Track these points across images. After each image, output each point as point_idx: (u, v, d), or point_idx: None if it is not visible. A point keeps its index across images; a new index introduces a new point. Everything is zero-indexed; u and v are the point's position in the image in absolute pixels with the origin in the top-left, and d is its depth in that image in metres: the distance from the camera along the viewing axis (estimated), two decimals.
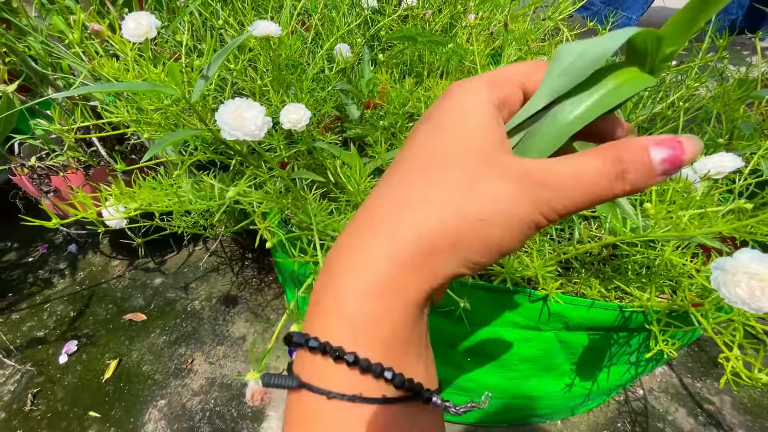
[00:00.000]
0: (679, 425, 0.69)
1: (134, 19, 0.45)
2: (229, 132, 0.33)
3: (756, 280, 0.28)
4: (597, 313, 0.49)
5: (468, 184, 0.17)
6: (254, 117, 0.34)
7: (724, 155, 0.46)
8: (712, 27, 0.73)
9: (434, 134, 0.19)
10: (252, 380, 0.35)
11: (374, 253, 0.17)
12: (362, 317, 0.17)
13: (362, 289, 0.17)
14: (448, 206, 0.17)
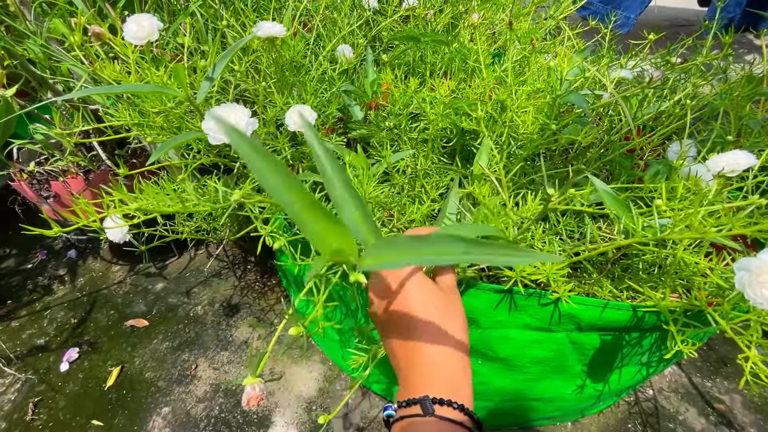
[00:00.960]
0: (690, 425, 0.68)
1: (136, 22, 0.45)
2: (214, 137, 0.33)
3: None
4: (610, 314, 0.49)
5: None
6: (238, 120, 0.34)
7: (737, 153, 0.46)
8: (716, 24, 0.72)
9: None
10: (248, 385, 0.34)
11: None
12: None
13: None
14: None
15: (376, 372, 0.69)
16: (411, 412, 0.30)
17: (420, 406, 0.30)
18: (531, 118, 0.56)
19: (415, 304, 0.33)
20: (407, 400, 0.31)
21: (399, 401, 0.32)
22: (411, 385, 0.32)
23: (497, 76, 0.65)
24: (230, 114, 0.36)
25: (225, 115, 0.36)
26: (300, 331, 0.36)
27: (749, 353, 0.36)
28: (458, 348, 0.32)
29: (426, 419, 0.29)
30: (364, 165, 0.58)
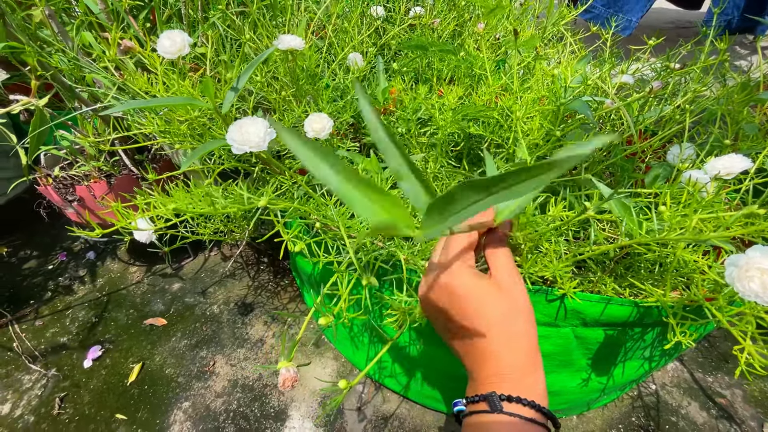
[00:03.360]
0: (692, 419, 0.71)
1: (169, 37, 0.48)
2: (237, 147, 0.36)
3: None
4: (613, 309, 0.51)
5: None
6: (257, 131, 0.37)
7: (733, 156, 0.48)
8: (714, 31, 0.75)
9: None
10: (283, 368, 0.37)
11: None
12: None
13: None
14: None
15: (389, 366, 0.72)
16: (479, 408, 0.30)
17: (487, 402, 0.30)
18: (537, 125, 0.59)
19: (474, 298, 0.32)
20: (474, 396, 0.31)
21: (467, 396, 0.32)
22: (478, 380, 0.32)
23: (503, 83, 0.68)
24: (251, 125, 0.39)
25: (246, 127, 0.39)
26: (330, 321, 0.38)
27: (744, 344, 0.39)
28: (526, 341, 0.31)
29: (495, 416, 0.29)
30: (377, 169, 0.61)
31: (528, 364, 0.31)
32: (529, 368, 0.31)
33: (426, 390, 0.69)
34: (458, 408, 0.33)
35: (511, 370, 0.31)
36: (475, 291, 0.32)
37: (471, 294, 0.32)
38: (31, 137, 0.60)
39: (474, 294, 0.32)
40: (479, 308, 0.32)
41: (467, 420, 0.31)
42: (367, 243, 0.50)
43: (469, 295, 0.32)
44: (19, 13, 0.67)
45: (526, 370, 0.31)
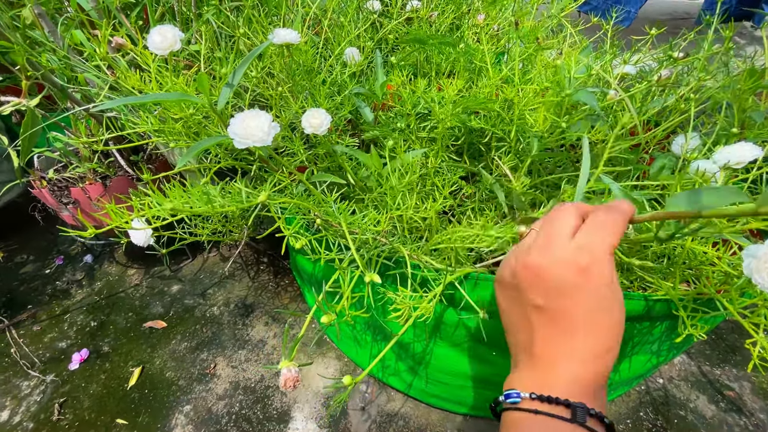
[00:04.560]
0: (701, 412, 0.70)
1: (160, 33, 0.47)
2: (240, 141, 0.35)
3: None
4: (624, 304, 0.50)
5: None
6: (261, 125, 0.36)
7: (743, 145, 0.47)
8: (717, 19, 0.74)
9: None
10: (284, 368, 0.36)
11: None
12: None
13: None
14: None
15: (392, 365, 0.71)
16: (552, 411, 0.29)
17: (571, 410, 0.28)
18: (542, 116, 0.57)
19: (607, 295, 0.30)
20: (550, 397, 0.29)
21: (534, 393, 0.30)
22: (549, 380, 0.30)
23: (503, 75, 0.66)
24: (254, 119, 0.38)
25: (248, 120, 0.37)
26: (332, 319, 0.37)
27: (757, 337, 0.38)
28: (612, 364, 0.30)
29: (574, 426, 0.28)
30: (377, 165, 0.60)
31: (606, 381, 0.30)
32: (605, 384, 0.30)
33: (431, 388, 0.68)
34: (513, 399, 0.31)
35: (593, 382, 0.29)
36: (613, 286, 0.31)
37: (607, 289, 0.30)
38: (22, 139, 0.59)
39: (609, 289, 0.30)
40: (611, 304, 0.30)
41: (526, 416, 0.29)
42: (369, 239, 0.49)
43: (605, 290, 0.30)
44: (8, 12, 0.65)
45: (604, 386, 0.30)
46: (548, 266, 0.31)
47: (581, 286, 0.30)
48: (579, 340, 0.30)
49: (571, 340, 0.30)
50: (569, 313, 0.30)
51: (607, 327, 0.30)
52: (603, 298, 0.30)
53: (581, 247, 0.31)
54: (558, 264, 0.31)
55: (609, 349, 0.30)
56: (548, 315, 0.31)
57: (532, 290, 0.32)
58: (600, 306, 0.30)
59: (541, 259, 0.32)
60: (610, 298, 0.30)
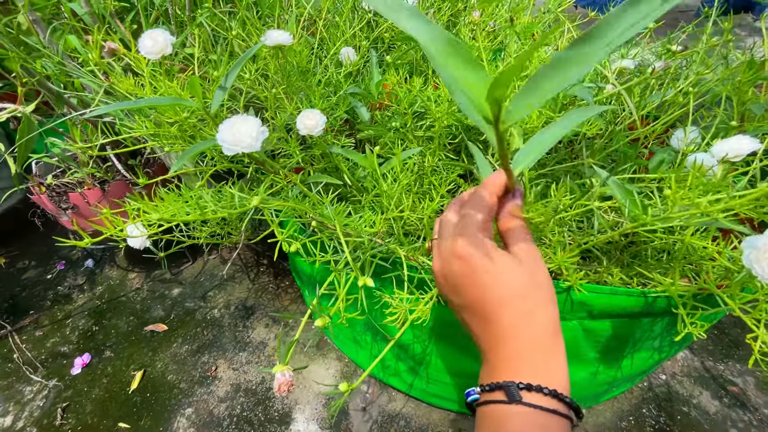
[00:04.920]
0: (705, 408, 0.69)
1: (151, 37, 0.46)
2: (229, 147, 0.35)
3: None
4: (621, 300, 0.50)
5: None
6: (249, 130, 0.35)
7: (741, 138, 0.47)
8: (716, 11, 0.73)
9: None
10: (278, 372, 0.36)
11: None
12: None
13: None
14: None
15: (393, 365, 0.71)
16: (495, 398, 0.28)
17: (504, 392, 0.28)
18: (536, 112, 0.57)
19: (490, 269, 0.30)
20: (491, 384, 0.29)
21: (482, 384, 0.30)
22: (494, 367, 0.30)
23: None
24: (243, 124, 0.37)
25: (237, 126, 0.37)
26: (326, 322, 0.37)
27: (758, 332, 0.37)
28: (546, 317, 0.29)
29: (512, 407, 0.27)
30: (374, 166, 0.59)
31: (549, 344, 0.29)
32: (551, 349, 0.29)
33: (431, 388, 0.68)
34: (472, 397, 0.31)
35: (530, 350, 0.28)
36: (492, 262, 0.30)
37: (487, 264, 0.30)
38: (18, 145, 0.59)
39: (490, 264, 0.30)
40: (497, 279, 0.30)
41: (482, 410, 0.29)
42: (365, 241, 0.49)
43: (485, 266, 0.30)
44: (2, 20, 0.65)
45: (548, 352, 0.29)
46: (442, 267, 0.33)
47: (468, 273, 0.30)
48: (494, 321, 0.30)
49: (490, 325, 0.30)
50: (476, 301, 0.30)
51: (510, 295, 0.29)
52: (489, 272, 0.30)
53: (455, 235, 0.32)
54: (447, 261, 0.32)
55: (528, 312, 0.29)
56: (467, 310, 0.32)
57: (445, 293, 0.34)
58: (495, 281, 0.30)
59: (438, 262, 0.34)
60: (493, 270, 0.30)
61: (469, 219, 0.32)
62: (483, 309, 0.30)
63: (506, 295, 0.29)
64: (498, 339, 0.29)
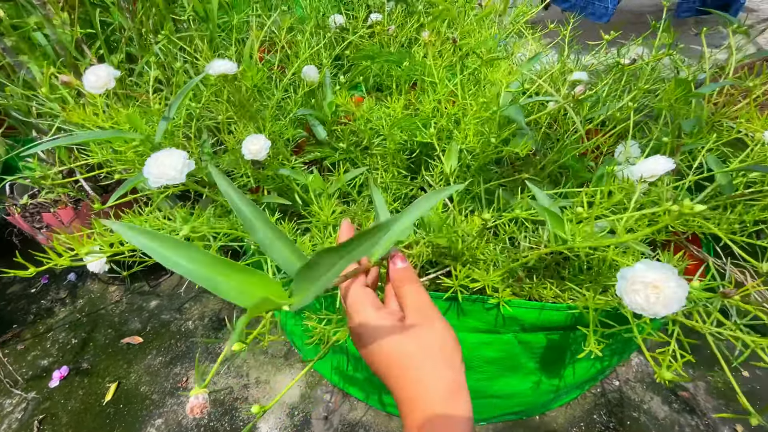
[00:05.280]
0: (654, 413, 0.71)
1: (93, 73, 0.49)
2: (154, 180, 0.37)
3: (651, 288, 0.31)
4: (549, 315, 0.52)
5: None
6: (174, 163, 0.37)
7: (658, 158, 0.49)
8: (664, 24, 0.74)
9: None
10: (192, 395, 0.38)
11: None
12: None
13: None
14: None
15: (351, 374, 0.73)
16: None
17: None
18: (472, 133, 0.59)
19: (376, 339, 0.30)
20: None
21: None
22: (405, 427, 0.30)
23: (446, 91, 0.68)
24: (167, 158, 0.40)
25: (162, 159, 0.40)
26: (243, 348, 0.40)
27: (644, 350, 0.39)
28: (443, 391, 0.29)
29: None
30: (321, 187, 0.62)
31: (447, 411, 0.28)
32: (449, 417, 0.28)
33: (384, 398, 0.71)
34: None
35: (428, 421, 0.28)
36: (376, 331, 0.30)
37: (372, 335, 0.30)
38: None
39: (375, 335, 0.30)
40: (382, 350, 0.30)
41: None
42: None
43: (371, 336, 0.30)
44: None
45: (446, 421, 0.28)
46: (350, 335, 0.33)
47: (361, 347, 0.31)
48: (395, 393, 0.30)
49: (394, 396, 0.30)
50: (377, 373, 0.31)
51: (400, 367, 0.29)
52: (377, 346, 0.30)
53: (347, 306, 0.32)
54: (350, 332, 0.33)
55: (419, 381, 0.29)
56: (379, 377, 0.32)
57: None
58: (383, 355, 0.30)
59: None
60: (379, 344, 0.30)
61: (350, 295, 0.32)
62: (385, 381, 0.30)
63: (395, 368, 0.29)
64: (402, 410, 0.29)
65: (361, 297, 0.32)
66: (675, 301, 0.30)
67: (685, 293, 0.30)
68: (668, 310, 0.31)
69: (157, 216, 0.57)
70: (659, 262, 0.32)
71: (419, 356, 0.29)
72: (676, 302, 0.30)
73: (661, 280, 0.31)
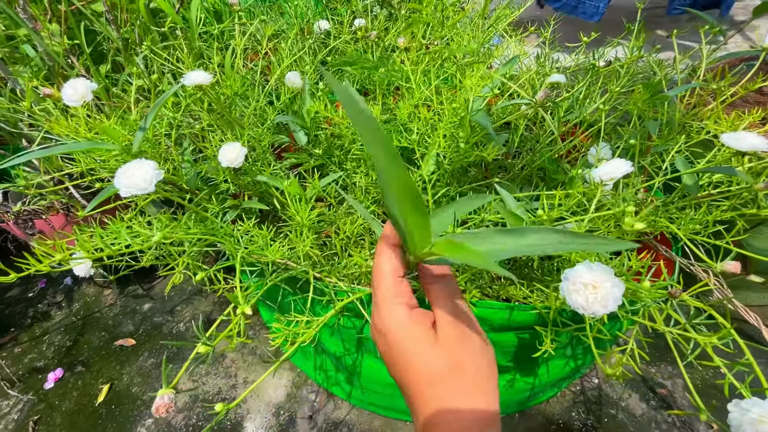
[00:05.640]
0: (632, 410, 0.72)
1: (72, 86, 0.51)
2: (125, 190, 0.39)
3: (590, 289, 0.32)
4: (517, 315, 0.53)
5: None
6: (143, 173, 0.39)
7: (616, 162, 0.50)
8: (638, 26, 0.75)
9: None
10: (159, 395, 0.39)
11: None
12: None
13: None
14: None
15: (333, 375, 0.75)
16: None
17: None
18: (442, 138, 0.60)
19: (403, 349, 0.27)
20: None
21: None
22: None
23: (421, 97, 0.69)
24: (138, 168, 0.42)
25: (132, 170, 0.41)
26: (208, 350, 0.41)
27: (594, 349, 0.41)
28: (471, 405, 0.25)
29: None
30: (298, 192, 0.63)
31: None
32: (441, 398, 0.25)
33: (367, 397, 0.72)
34: None
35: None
36: (405, 341, 0.27)
37: (401, 343, 0.27)
38: None
39: (403, 344, 0.27)
40: (408, 360, 0.26)
41: None
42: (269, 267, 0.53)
43: (399, 344, 0.27)
44: None
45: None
46: (371, 334, 0.31)
47: (386, 351, 0.28)
48: (415, 408, 0.27)
49: (413, 409, 0.27)
50: (398, 380, 0.28)
51: (425, 383, 0.26)
52: (403, 353, 0.27)
53: (373, 303, 0.29)
54: (372, 331, 0.30)
55: (444, 399, 0.25)
56: (396, 383, 0.29)
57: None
58: (409, 365, 0.27)
59: (371, 325, 0.31)
60: (405, 352, 0.27)
61: (379, 286, 0.29)
62: (404, 390, 0.27)
63: (419, 383, 0.26)
64: (419, 426, 0.26)
65: (393, 291, 0.28)
66: (611, 299, 0.32)
67: (621, 292, 0.32)
68: (606, 309, 0.32)
69: (140, 221, 0.59)
70: (599, 263, 0.33)
71: (447, 378, 0.25)
72: (612, 301, 0.32)
73: (598, 281, 0.32)
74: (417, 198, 0.23)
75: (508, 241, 0.24)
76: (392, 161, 0.21)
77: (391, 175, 0.22)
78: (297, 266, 0.55)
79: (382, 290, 0.28)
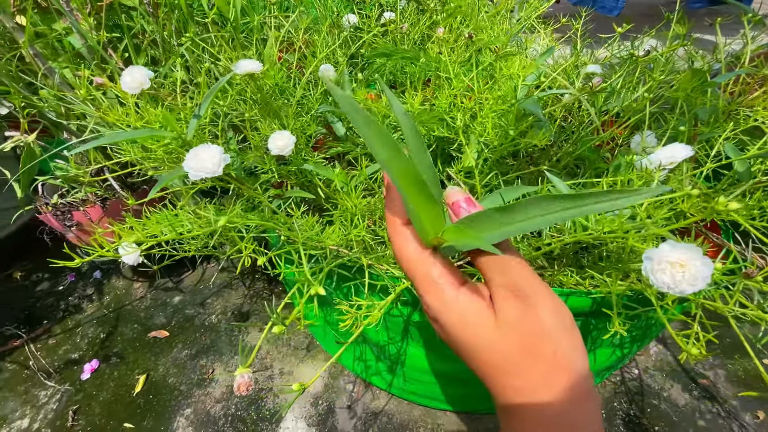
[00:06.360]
0: (675, 401, 0.72)
1: (129, 74, 0.52)
2: (194, 174, 0.39)
3: (677, 267, 0.32)
4: (573, 301, 0.53)
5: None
6: (211, 156, 0.39)
7: (676, 146, 0.50)
8: (677, 15, 0.75)
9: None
10: (238, 374, 0.40)
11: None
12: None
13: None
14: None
15: (374, 365, 0.75)
16: None
17: None
18: (490, 126, 0.60)
19: (461, 338, 0.23)
20: None
21: None
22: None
23: (462, 86, 0.69)
24: (205, 152, 0.42)
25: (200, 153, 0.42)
26: (282, 330, 0.42)
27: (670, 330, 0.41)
28: (554, 413, 0.21)
29: None
30: (345, 181, 0.64)
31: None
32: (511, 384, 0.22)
33: (409, 386, 0.72)
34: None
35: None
36: (462, 329, 0.23)
37: (457, 330, 0.23)
38: (22, 172, 0.65)
39: (461, 331, 0.23)
40: (473, 351, 0.23)
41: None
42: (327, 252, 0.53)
43: (455, 331, 0.23)
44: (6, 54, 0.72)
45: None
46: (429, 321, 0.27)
47: (444, 337, 0.25)
48: (493, 392, 0.24)
49: (490, 392, 0.24)
50: (468, 364, 0.25)
51: (495, 371, 0.23)
52: (460, 339, 0.24)
53: (420, 292, 0.25)
54: (428, 317, 0.26)
55: (520, 392, 0.22)
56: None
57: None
58: (471, 351, 0.23)
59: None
60: (464, 337, 0.23)
61: (415, 269, 0.25)
62: (476, 373, 0.24)
63: (491, 372, 0.23)
64: (501, 417, 0.23)
65: (431, 271, 0.24)
66: (701, 278, 0.32)
67: (711, 271, 0.32)
68: (694, 288, 0.32)
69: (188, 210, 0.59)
70: (683, 243, 0.33)
71: (519, 364, 0.22)
72: (701, 280, 0.32)
73: (686, 259, 0.32)
74: (423, 186, 0.22)
75: (507, 219, 0.22)
76: (393, 153, 0.22)
77: (393, 166, 0.22)
78: (349, 253, 0.55)
79: (420, 274, 0.24)
